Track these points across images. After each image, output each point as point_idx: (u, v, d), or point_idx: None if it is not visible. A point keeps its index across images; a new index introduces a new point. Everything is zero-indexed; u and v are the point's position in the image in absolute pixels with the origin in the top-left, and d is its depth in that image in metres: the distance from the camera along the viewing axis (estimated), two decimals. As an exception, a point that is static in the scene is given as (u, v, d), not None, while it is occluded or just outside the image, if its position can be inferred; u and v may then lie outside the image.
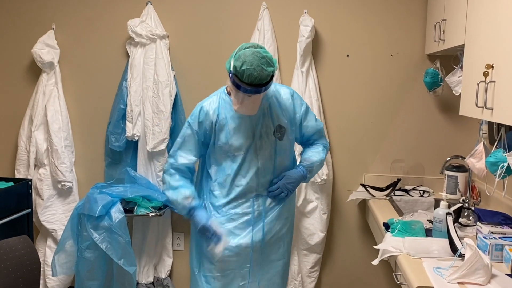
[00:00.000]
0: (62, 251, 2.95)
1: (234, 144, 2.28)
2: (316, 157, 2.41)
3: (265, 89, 2.13)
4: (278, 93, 2.32)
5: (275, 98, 2.31)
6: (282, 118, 2.31)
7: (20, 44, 3.34)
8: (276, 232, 2.40)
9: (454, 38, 2.37)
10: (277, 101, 2.31)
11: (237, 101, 2.17)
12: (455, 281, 1.70)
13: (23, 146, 3.27)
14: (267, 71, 2.08)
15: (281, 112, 2.31)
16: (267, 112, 2.29)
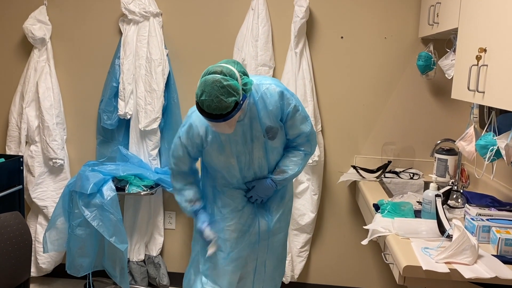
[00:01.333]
0: (53, 228, 2.96)
1: (227, 153, 2.27)
2: (292, 170, 2.34)
3: (229, 118, 2.01)
4: (265, 95, 2.21)
5: (262, 100, 2.21)
6: (271, 119, 2.24)
7: (11, 19, 3.29)
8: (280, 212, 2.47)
9: (448, 21, 2.37)
10: (264, 103, 2.21)
11: (211, 124, 2.11)
12: (442, 261, 1.74)
13: (14, 122, 3.25)
14: (227, 102, 1.96)
15: (269, 114, 2.23)
16: (255, 115, 2.23)
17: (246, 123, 2.23)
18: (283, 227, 2.52)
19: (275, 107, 2.22)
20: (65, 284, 3.39)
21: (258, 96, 2.21)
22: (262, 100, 2.21)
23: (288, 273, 3.20)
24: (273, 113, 2.23)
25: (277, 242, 2.50)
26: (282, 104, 2.23)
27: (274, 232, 2.47)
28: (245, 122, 2.23)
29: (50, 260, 3.30)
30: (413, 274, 1.74)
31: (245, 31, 3.06)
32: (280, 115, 2.25)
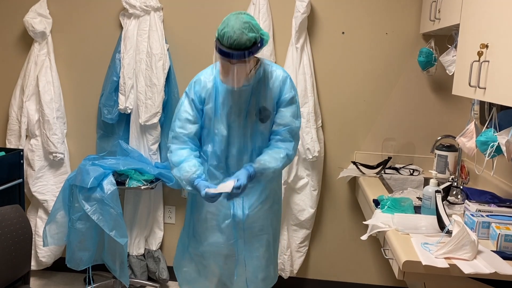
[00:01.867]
0: (53, 221, 2.96)
1: (220, 117, 2.27)
2: (272, 164, 2.25)
3: (246, 56, 2.06)
4: (271, 75, 2.26)
5: (266, 79, 2.25)
6: (268, 100, 2.25)
7: (12, 12, 3.28)
8: (258, 208, 2.41)
9: (450, 17, 2.37)
10: (267, 82, 2.25)
11: (222, 71, 2.17)
12: (442, 256, 1.74)
13: (15, 116, 3.25)
14: (247, 36, 2.03)
15: (268, 94, 2.24)
16: (255, 91, 2.25)
17: (247, 93, 2.25)
18: (265, 229, 2.45)
19: (276, 88, 2.25)
20: (64, 277, 3.40)
21: (263, 74, 2.25)
22: (266, 79, 2.25)
23: (287, 268, 3.21)
24: (272, 94, 2.25)
25: (258, 243, 2.44)
26: (282, 88, 2.26)
27: (252, 230, 2.42)
28: (247, 92, 2.24)
29: (50, 254, 3.31)
30: (413, 269, 1.74)
31: (246, 26, 3.05)
32: (277, 99, 2.26)
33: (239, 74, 2.13)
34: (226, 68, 2.14)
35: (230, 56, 2.06)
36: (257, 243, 2.45)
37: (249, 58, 2.10)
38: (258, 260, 2.47)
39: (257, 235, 2.45)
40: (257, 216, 2.43)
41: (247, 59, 2.09)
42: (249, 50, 2.07)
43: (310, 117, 3.01)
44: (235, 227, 2.41)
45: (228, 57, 2.07)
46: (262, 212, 2.43)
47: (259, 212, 2.42)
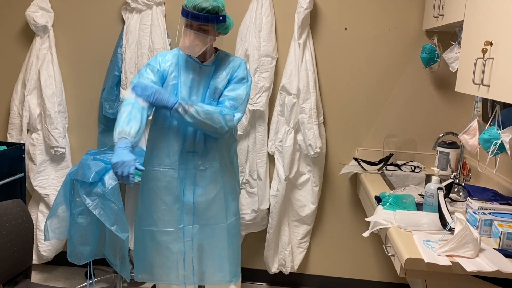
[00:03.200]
0: (54, 216, 2.96)
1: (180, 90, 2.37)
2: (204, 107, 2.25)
3: (206, 20, 2.23)
4: (228, 59, 2.43)
5: (223, 63, 2.41)
6: (222, 81, 2.38)
7: (13, 6, 3.27)
8: (210, 194, 2.42)
9: (454, 14, 2.36)
10: (224, 65, 2.40)
11: (183, 38, 2.28)
12: (444, 254, 1.74)
13: (16, 110, 3.24)
14: (210, 2, 2.23)
15: (223, 75, 2.38)
16: (214, 74, 2.38)
17: (206, 73, 2.37)
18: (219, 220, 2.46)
19: (230, 69, 2.39)
20: (65, 272, 3.40)
21: (222, 59, 2.42)
22: (223, 63, 2.40)
23: (288, 264, 3.22)
24: (226, 75, 2.37)
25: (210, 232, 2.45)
26: (236, 69, 2.40)
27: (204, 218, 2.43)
28: (207, 72, 2.38)
29: (51, 248, 3.31)
30: (415, 266, 1.74)
31: (248, 21, 3.04)
32: (230, 78, 2.38)
33: (197, 41, 2.27)
34: (187, 35, 2.27)
35: (191, 16, 2.23)
36: (213, 232, 2.46)
37: (209, 25, 2.26)
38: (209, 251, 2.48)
39: (209, 225, 2.45)
40: (208, 205, 2.43)
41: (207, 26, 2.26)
42: (210, 16, 2.24)
43: (312, 113, 3.00)
44: (185, 212, 2.42)
45: (189, 17, 2.24)
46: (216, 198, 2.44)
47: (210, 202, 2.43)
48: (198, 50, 2.29)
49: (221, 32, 2.37)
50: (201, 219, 2.45)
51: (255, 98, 3.03)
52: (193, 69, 2.39)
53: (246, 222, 3.17)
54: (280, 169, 3.09)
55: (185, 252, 2.46)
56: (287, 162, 3.05)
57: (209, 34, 2.29)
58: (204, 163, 2.40)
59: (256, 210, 3.14)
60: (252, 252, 3.38)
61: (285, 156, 3.05)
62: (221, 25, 2.32)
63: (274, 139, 3.13)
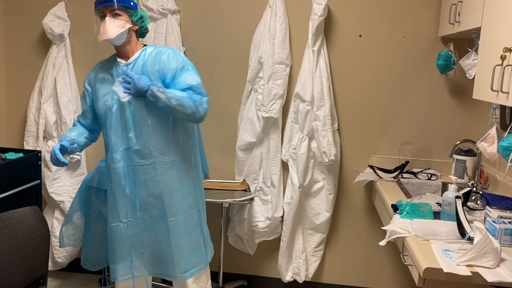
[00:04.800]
0: (69, 223, 2.96)
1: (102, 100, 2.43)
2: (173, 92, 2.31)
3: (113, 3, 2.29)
4: (158, 51, 2.42)
5: (152, 55, 2.40)
6: (155, 75, 2.36)
7: (31, 15, 3.32)
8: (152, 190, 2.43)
9: (470, 20, 2.34)
10: (153, 58, 2.39)
11: (98, 29, 2.36)
12: (464, 264, 1.71)
13: (32, 117, 3.28)
14: None
15: (155, 69, 2.37)
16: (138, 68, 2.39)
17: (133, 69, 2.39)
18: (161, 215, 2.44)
19: (160, 62, 2.37)
20: (80, 278, 3.41)
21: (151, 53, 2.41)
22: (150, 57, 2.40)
23: (302, 272, 3.19)
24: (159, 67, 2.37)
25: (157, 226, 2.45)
26: (168, 61, 2.37)
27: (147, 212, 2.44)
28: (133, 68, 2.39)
29: (66, 255, 3.33)
30: (434, 276, 1.71)
31: (262, 29, 3.04)
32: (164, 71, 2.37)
33: (113, 25, 2.31)
34: (102, 24, 2.32)
35: (102, 2, 2.30)
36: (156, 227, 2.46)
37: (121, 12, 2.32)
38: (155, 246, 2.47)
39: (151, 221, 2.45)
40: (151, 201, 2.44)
41: (116, 7, 2.30)
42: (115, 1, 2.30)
43: (326, 120, 2.99)
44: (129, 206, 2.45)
45: (100, 4, 2.31)
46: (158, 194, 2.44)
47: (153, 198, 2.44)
48: (115, 32, 2.31)
49: (137, 25, 2.41)
50: (144, 214, 2.46)
51: (269, 105, 3.02)
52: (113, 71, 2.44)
53: (259, 230, 3.16)
54: (294, 177, 3.07)
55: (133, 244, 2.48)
56: (301, 169, 3.03)
57: (123, 19, 2.34)
58: (139, 159, 2.42)
59: (270, 218, 3.13)
60: (266, 260, 3.36)
61: (299, 163, 3.04)
62: (134, 12, 2.38)
63: (288, 147, 3.12)
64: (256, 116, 3.08)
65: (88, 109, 2.55)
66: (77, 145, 2.55)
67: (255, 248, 3.30)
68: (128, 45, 2.41)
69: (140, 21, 2.43)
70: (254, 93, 3.09)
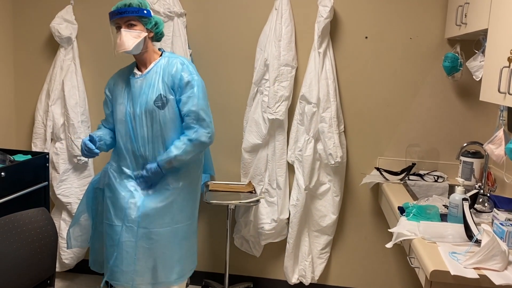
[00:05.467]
0: (77, 224, 2.98)
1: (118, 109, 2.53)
2: (173, 152, 2.43)
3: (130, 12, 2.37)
4: (168, 63, 2.47)
5: (163, 66, 2.47)
6: (165, 87, 2.43)
7: (38, 18, 3.35)
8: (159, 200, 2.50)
9: (477, 22, 2.33)
10: (163, 70, 2.46)
11: (115, 40, 2.43)
12: (471, 266, 1.71)
13: (40, 120, 3.30)
14: (130, 1, 2.39)
15: (165, 81, 2.44)
16: (153, 81, 2.44)
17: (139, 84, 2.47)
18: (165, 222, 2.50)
19: (174, 75, 2.44)
20: (87, 279, 3.43)
21: (160, 64, 2.48)
22: (162, 67, 2.46)
23: (309, 275, 3.19)
24: (169, 81, 2.43)
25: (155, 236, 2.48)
26: (176, 74, 2.44)
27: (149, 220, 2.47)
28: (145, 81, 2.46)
29: (73, 256, 3.34)
30: (441, 279, 1.71)
31: (268, 31, 3.05)
32: (172, 84, 2.43)
33: (129, 36, 2.39)
34: (119, 36, 2.40)
35: (117, 14, 2.38)
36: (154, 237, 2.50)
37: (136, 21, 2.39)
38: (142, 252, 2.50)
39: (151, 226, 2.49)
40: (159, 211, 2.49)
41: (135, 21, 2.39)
42: (133, 8, 2.37)
43: (332, 122, 2.99)
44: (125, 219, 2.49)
45: (115, 15, 2.39)
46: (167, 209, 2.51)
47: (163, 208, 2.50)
48: (131, 43, 2.38)
49: (153, 32, 2.48)
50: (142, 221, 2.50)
51: (275, 107, 3.03)
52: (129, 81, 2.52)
53: (265, 232, 3.16)
54: (300, 179, 3.07)
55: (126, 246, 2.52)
56: (307, 171, 3.03)
57: (138, 29, 2.41)
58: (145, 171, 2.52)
59: (275, 220, 3.13)
60: (272, 262, 3.36)
61: (305, 165, 3.04)
62: (148, 20, 2.44)
63: (293, 148, 3.12)
64: (261, 118, 3.08)
65: (110, 114, 2.63)
66: (104, 143, 2.63)
67: (261, 250, 3.30)
68: (146, 53, 2.48)
69: (155, 28, 2.48)
70: (260, 95, 3.10)
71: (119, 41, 2.38)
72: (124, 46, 2.38)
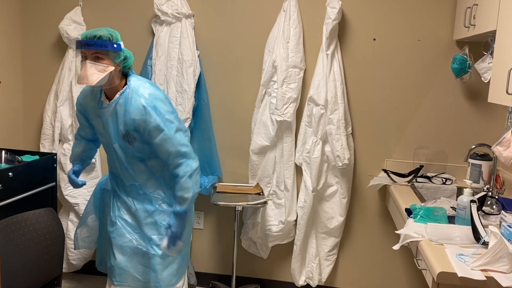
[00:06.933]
0: (84, 225, 2.98)
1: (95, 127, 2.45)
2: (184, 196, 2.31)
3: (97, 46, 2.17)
4: (131, 101, 2.25)
5: (125, 102, 2.26)
6: (129, 124, 2.26)
7: (47, 19, 3.37)
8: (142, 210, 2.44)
9: (486, 23, 2.32)
10: (126, 108, 2.26)
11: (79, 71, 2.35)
12: (478, 268, 1.69)
13: (48, 121, 3.32)
14: (102, 31, 2.20)
15: (128, 118, 2.26)
16: (115, 116, 2.29)
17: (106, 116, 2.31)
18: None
19: (135, 116, 2.23)
20: (94, 280, 3.44)
21: (127, 98, 2.26)
22: (127, 103, 2.26)
23: (316, 277, 3.18)
24: (131, 119, 2.24)
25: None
26: (142, 118, 2.23)
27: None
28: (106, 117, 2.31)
29: (80, 257, 3.35)
30: (448, 280, 1.70)
31: (276, 33, 3.05)
32: (136, 127, 2.25)
33: (93, 69, 2.19)
34: (83, 67, 2.21)
35: (85, 45, 2.18)
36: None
37: (104, 54, 2.19)
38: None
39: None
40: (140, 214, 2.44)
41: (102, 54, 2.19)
42: (103, 41, 2.18)
43: (340, 124, 2.99)
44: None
45: (82, 46, 2.19)
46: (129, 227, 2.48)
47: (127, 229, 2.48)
48: (95, 78, 2.18)
49: (120, 65, 2.27)
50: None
51: (283, 109, 3.03)
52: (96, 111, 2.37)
53: (273, 234, 3.15)
54: (308, 180, 3.07)
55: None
56: (315, 173, 3.03)
57: (105, 63, 2.20)
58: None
59: (283, 222, 3.13)
60: (279, 264, 3.36)
61: (312, 167, 3.03)
62: (117, 54, 2.23)
63: (301, 150, 3.12)
64: (269, 119, 3.08)
65: (85, 123, 2.53)
66: (88, 159, 2.66)
67: (268, 252, 3.30)
68: (110, 85, 2.28)
69: (124, 62, 2.29)
70: (268, 96, 3.10)
71: (83, 73, 2.18)
72: (87, 80, 2.18)
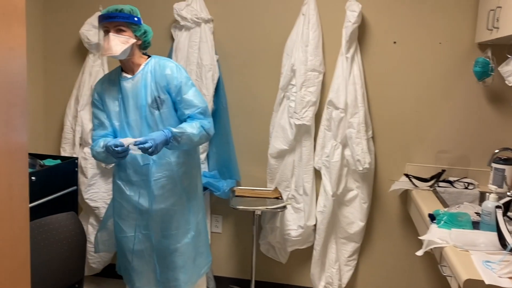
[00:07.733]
0: (104, 228, 3.01)
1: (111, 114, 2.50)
2: (189, 129, 2.38)
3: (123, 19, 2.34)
4: (159, 64, 2.46)
5: (153, 68, 2.45)
6: (158, 88, 2.42)
7: (68, 25, 3.41)
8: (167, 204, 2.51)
9: (510, 26, 2.28)
10: (155, 71, 2.44)
11: (103, 44, 2.43)
12: (506, 276, 1.66)
13: (69, 125, 3.35)
14: (122, 6, 2.37)
15: (158, 82, 2.42)
16: (146, 83, 2.43)
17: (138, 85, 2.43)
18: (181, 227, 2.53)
19: (165, 76, 2.42)
20: (114, 284, 3.45)
21: (151, 67, 2.46)
22: (155, 70, 2.44)
23: (336, 282, 3.15)
24: (162, 82, 2.42)
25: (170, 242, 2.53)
26: (172, 76, 2.42)
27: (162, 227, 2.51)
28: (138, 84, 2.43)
29: (100, 260, 3.38)
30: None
31: (295, 37, 3.04)
32: (169, 86, 2.41)
33: (117, 41, 2.35)
34: (106, 40, 2.37)
35: (107, 17, 2.35)
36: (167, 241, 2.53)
37: (125, 27, 2.36)
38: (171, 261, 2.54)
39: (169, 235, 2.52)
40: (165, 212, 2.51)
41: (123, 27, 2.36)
42: (124, 14, 2.35)
43: (360, 127, 2.96)
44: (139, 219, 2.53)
45: (104, 19, 2.36)
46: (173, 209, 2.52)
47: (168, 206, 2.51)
48: (119, 49, 2.35)
49: (141, 39, 2.45)
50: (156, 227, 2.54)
51: (301, 112, 3.01)
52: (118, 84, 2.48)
53: (292, 238, 3.14)
54: (327, 185, 3.05)
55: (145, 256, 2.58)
56: (334, 177, 3.00)
57: (126, 34, 2.38)
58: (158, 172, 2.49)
59: (302, 226, 3.11)
60: (298, 268, 3.34)
61: (332, 171, 3.01)
62: (138, 28, 2.42)
63: (320, 154, 3.10)
64: (288, 123, 3.07)
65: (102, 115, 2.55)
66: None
67: (287, 257, 3.28)
68: (132, 59, 2.45)
69: (144, 36, 2.47)
70: (287, 100, 3.09)
71: (107, 45, 2.35)
72: (111, 50, 2.35)
